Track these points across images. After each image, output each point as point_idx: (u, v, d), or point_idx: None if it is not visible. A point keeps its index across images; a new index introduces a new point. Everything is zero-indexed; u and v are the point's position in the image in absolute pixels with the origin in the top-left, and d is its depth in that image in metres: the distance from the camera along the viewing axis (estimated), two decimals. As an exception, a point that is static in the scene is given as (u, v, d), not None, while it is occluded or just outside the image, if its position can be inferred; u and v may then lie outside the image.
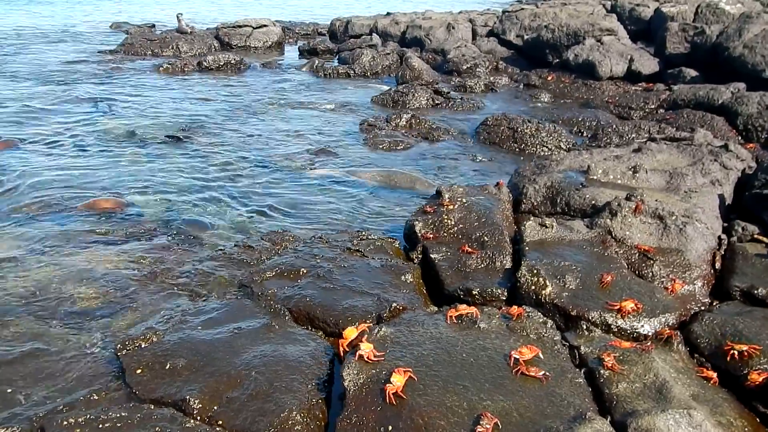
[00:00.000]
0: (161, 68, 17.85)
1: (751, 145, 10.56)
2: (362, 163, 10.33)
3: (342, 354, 4.48)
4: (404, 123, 12.46)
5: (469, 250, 5.99)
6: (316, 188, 9.15)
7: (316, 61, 19.10)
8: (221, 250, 6.76)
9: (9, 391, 4.39)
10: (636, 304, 4.92)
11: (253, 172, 9.80)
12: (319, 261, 6.06)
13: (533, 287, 5.23)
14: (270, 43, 23.07)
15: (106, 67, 17.97)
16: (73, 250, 6.75)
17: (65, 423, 3.82)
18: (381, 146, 11.24)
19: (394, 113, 12.86)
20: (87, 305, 5.63)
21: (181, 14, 22.66)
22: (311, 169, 9.97)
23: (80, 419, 3.84)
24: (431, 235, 6.34)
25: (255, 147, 11.04)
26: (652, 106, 13.25)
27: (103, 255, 6.65)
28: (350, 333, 4.57)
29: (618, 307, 4.90)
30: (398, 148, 11.20)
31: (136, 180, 9.16)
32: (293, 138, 11.68)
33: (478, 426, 3.53)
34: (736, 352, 4.40)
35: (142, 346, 4.74)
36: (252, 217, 8.06)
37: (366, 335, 4.43)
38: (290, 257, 6.25)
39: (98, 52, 20.39)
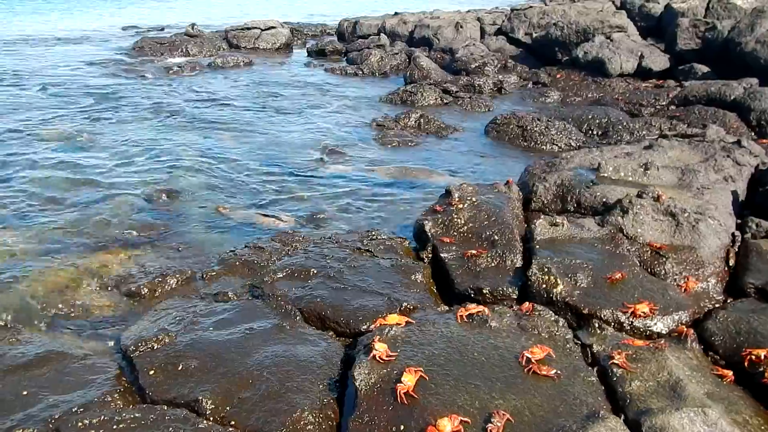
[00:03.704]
0: (171, 70, 17.98)
1: (764, 140, 10.43)
2: (374, 160, 10.35)
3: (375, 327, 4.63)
4: (413, 122, 12.46)
5: (474, 252, 5.92)
6: (328, 185, 9.18)
7: (313, 61, 19.38)
8: (232, 251, 6.79)
9: (24, 393, 4.43)
10: (651, 308, 4.87)
11: (265, 170, 9.84)
12: (329, 261, 6.07)
13: (544, 285, 5.21)
14: (278, 44, 23.15)
15: (117, 69, 18.12)
16: (85, 251, 6.81)
17: (80, 424, 3.85)
18: (391, 145, 11.25)
19: (403, 112, 12.86)
20: (99, 306, 5.68)
21: (195, 25, 23.07)
22: (324, 166, 10.01)
23: (94, 420, 3.87)
24: (448, 239, 6.28)
25: (266, 145, 11.10)
26: (663, 103, 13.13)
27: (115, 255, 6.71)
28: (392, 319, 4.63)
29: (632, 310, 4.86)
30: (408, 146, 11.20)
31: (142, 177, 9.24)
32: (304, 137, 11.72)
33: (490, 424, 3.52)
34: (754, 357, 4.34)
35: (155, 347, 4.77)
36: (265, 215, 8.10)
37: (378, 336, 4.42)
38: (300, 258, 6.26)
39: (113, 53, 20.60)
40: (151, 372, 4.50)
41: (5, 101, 13.77)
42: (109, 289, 6.01)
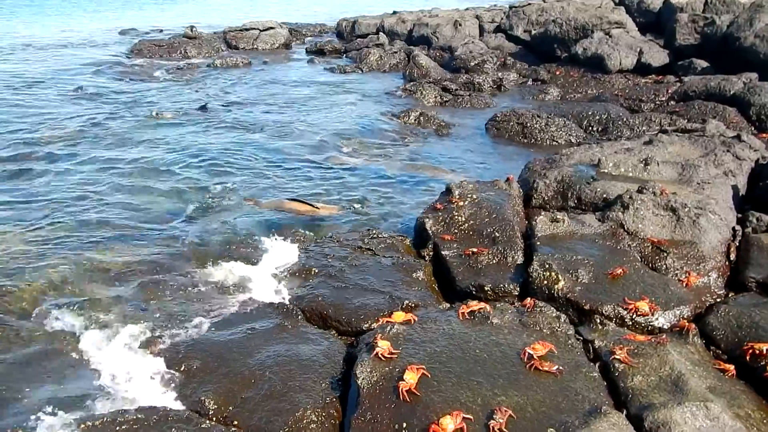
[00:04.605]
0: (170, 72, 17.98)
1: (764, 135, 10.42)
2: (373, 159, 10.35)
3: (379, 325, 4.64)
4: (413, 120, 12.46)
5: (474, 250, 5.90)
6: (327, 185, 9.18)
7: (312, 60, 19.42)
8: (233, 250, 6.78)
9: (27, 389, 4.45)
10: (651, 307, 4.86)
11: (269, 167, 9.87)
12: (330, 260, 6.07)
13: (545, 282, 5.21)
14: (277, 44, 23.16)
15: (117, 71, 18.13)
16: (86, 247, 6.81)
17: (83, 426, 3.85)
18: (391, 143, 11.25)
19: (403, 111, 12.87)
20: (100, 306, 5.67)
21: (194, 27, 23.12)
22: (320, 166, 10.03)
23: (97, 422, 3.88)
24: (449, 237, 6.27)
25: (269, 144, 11.11)
26: (663, 98, 13.11)
27: (116, 252, 6.70)
28: (398, 317, 4.64)
29: (633, 308, 4.85)
30: (408, 144, 11.21)
31: (153, 177, 9.27)
32: (302, 136, 11.71)
33: (492, 420, 3.52)
34: (756, 351, 4.33)
35: (157, 348, 4.78)
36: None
37: (380, 334, 4.42)
38: (302, 257, 6.26)
39: (111, 56, 20.63)
40: (154, 373, 4.51)
41: (13, 105, 13.79)
42: (109, 286, 6.01)
